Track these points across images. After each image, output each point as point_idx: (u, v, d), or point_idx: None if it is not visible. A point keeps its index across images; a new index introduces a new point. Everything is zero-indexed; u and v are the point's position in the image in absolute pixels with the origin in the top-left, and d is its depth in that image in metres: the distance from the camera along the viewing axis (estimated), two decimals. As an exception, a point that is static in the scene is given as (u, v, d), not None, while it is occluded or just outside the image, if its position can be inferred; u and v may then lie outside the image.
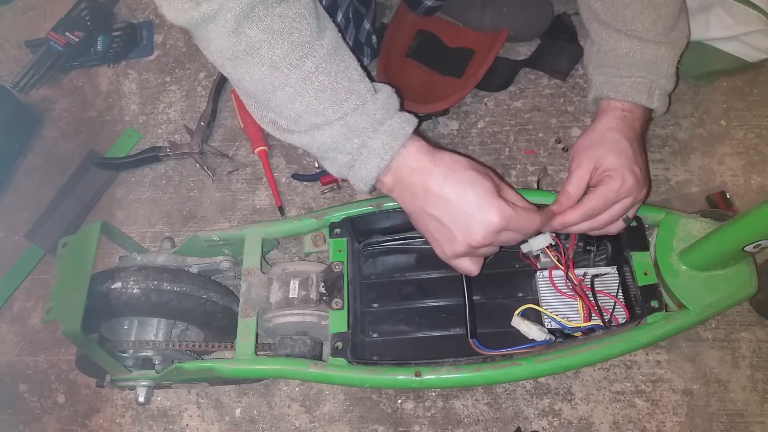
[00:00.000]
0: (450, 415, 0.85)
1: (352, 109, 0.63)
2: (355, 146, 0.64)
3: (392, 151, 0.64)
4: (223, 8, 0.59)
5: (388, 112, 0.65)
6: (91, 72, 1.18)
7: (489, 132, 1.02)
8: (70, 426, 0.91)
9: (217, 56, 0.64)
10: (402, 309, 0.84)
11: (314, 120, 0.64)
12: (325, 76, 0.63)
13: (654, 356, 0.85)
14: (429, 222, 0.66)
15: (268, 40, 0.60)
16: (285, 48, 0.61)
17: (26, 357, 0.96)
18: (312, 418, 0.87)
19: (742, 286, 0.74)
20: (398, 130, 0.65)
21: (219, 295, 0.81)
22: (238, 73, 0.64)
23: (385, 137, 0.64)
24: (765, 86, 1.00)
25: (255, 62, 0.62)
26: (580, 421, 0.83)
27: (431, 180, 0.64)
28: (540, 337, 0.73)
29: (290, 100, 0.63)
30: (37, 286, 1.01)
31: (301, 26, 0.61)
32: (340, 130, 0.63)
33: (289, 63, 0.61)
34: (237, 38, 0.60)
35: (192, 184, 1.05)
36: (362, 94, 0.64)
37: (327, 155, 0.67)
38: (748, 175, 0.95)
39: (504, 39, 1.00)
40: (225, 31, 0.60)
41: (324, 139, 0.64)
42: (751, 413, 0.82)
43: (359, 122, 0.63)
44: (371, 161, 0.65)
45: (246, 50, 0.61)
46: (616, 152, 0.71)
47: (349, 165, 0.66)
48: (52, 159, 1.11)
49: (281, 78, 0.62)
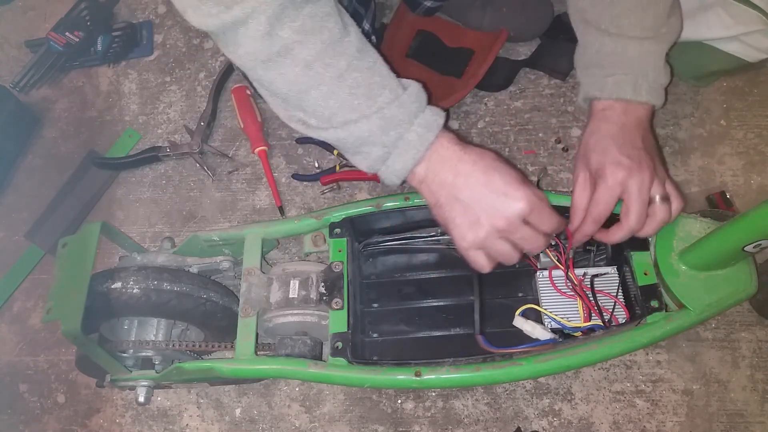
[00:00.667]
0: (450, 415, 0.85)
1: (386, 103, 0.65)
2: (392, 139, 0.66)
3: (427, 142, 0.66)
4: (255, 11, 0.59)
5: (420, 104, 0.67)
6: (91, 72, 1.18)
7: (489, 132, 1.02)
8: (70, 426, 0.91)
9: (248, 59, 0.63)
10: (402, 309, 0.84)
11: (349, 116, 0.65)
12: (358, 72, 0.64)
13: (654, 356, 0.85)
14: (454, 207, 0.67)
15: (300, 40, 0.61)
16: (318, 47, 0.62)
17: (26, 357, 0.96)
18: (312, 418, 0.87)
19: (742, 286, 0.74)
20: (431, 122, 0.67)
21: (219, 295, 0.81)
22: (269, 75, 0.64)
23: (420, 129, 0.66)
24: (765, 86, 1.00)
25: (288, 63, 0.62)
26: (580, 421, 0.83)
27: (461, 166, 0.66)
28: (545, 336, 0.73)
29: (325, 99, 0.64)
30: (37, 286, 1.01)
31: (329, 25, 0.62)
32: (378, 122, 0.65)
33: (323, 62, 0.62)
34: (270, 40, 0.60)
35: (192, 184, 1.05)
36: (394, 89, 0.66)
37: (361, 149, 0.68)
38: (748, 175, 0.95)
39: (504, 39, 1.00)
40: (258, 34, 0.60)
41: (361, 132, 0.65)
42: (751, 413, 0.82)
43: (396, 115, 0.65)
44: (407, 153, 0.66)
45: (280, 52, 0.61)
46: (599, 152, 0.72)
47: (383, 158, 0.67)
48: (52, 159, 1.11)
49: (316, 77, 0.63)
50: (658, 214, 0.72)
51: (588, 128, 0.76)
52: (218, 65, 1.14)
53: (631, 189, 0.70)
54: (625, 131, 0.74)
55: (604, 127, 0.74)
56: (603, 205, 0.71)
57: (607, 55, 0.76)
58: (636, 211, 0.70)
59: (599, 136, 0.73)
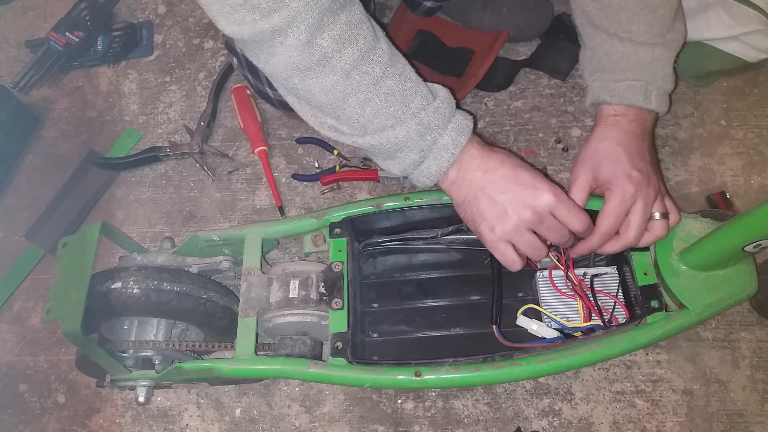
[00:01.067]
0: (450, 415, 0.85)
1: (420, 108, 0.66)
2: (428, 143, 0.67)
3: (461, 145, 0.68)
4: (296, 20, 0.57)
5: (452, 109, 0.69)
6: (91, 72, 1.17)
7: (489, 132, 1.02)
8: (70, 426, 0.91)
9: (284, 68, 0.62)
10: (402, 309, 0.84)
11: (384, 123, 0.66)
12: (392, 79, 0.65)
13: (654, 356, 0.85)
14: (482, 202, 0.68)
15: (339, 49, 0.61)
16: (355, 55, 0.62)
17: (26, 357, 0.96)
18: (312, 418, 0.87)
19: (742, 286, 0.74)
20: (464, 126, 0.69)
21: (219, 295, 0.81)
22: (307, 84, 0.64)
23: (453, 133, 0.68)
24: (765, 86, 1.00)
25: (327, 72, 0.62)
26: (580, 421, 0.83)
27: (490, 163, 0.68)
28: (551, 335, 0.73)
29: (361, 106, 0.64)
30: (37, 286, 1.01)
31: (363, 32, 0.62)
32: (415, 128, 0.66)
33: (360, 70, 0.63)
34: (311, 49, 0.60)
35: (192, 184, 1.05)
36: (425, 95, 0.67)
37: (396, 155, 0.69)
38: (748, 175, 0.95)
39: (504, 39, 1.00)
40: (298, 43, 0.59)
41: (398, 137, 0.66)
42: (751, 413, 0.82)
43: (432, 120, 0.66)
44: (442, 157, 0.68)
45: (319, 60, 0.61)
46: (610, 161, 0.72)
47: (418, 162, 0.69)
48: (52, 159, 1.11)
49: (353, 85, 0.63)
50: (656, 229, 0.73)
51: (597, 132, 0.75)
52: (218, 65, 1.14)
53: (637, 204, 0.71)
54: (635, 141, 0.74)
55: (615, 134, 0.74)
56: (614, 219, 0.71)
57: (617, 60, 0.76)
58: (637, 227, 0.71)
59: (611, 144, 0.73)
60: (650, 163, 0.74)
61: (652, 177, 0.72)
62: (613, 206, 0.70)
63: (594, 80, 0.79)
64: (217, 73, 1.10)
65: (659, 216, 0.73)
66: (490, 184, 0.68)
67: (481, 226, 0.69)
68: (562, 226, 0.68)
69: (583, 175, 0.74)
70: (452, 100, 0.69)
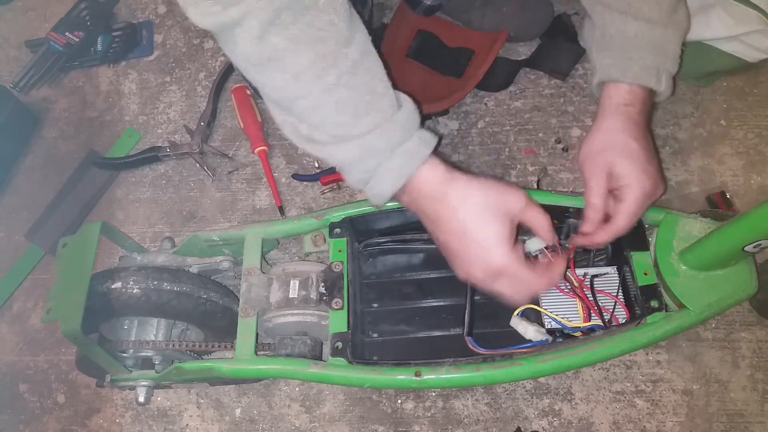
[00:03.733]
0: (450, 415, 0.85)
1: (370, 128, 0.63)
2: (371, 166, 0.65)
3: (407, 173, 0.65)
4: (249, 13, 0.58)
5: (407, 132, 0.65)
6: (91, 72, 1.18)
7: (489, 132, 1.02)
8: (70, 426, 0.91)
9: (242, 60, 0.63)
10: (402, 309, 0.84)
11: (333, 131, 0.64)
12: (347, 89, 0.62)
13: (654, 356, 0.85)
14: (440, 243, 0.68)
15: (292, 49, 0.60)
16: (309, 58, 0.60)
17: (26, 357, 0.96)
18: (312, 418, 0.87)
19: (742, 286, 0.74)
20: (414, 153, 0.65)
21: (219, 295, 0.81)
22: (261, 79, 0.64)
23: (400, 159, 0.64)
24: (765, 86, 1.00)
25: (277, 69, 0.61)
26: (580, 421, 0.83)
27: (442, 209, 0.65)
28: (537, 338, 0.72)
29: (311, 110, 0.63)
30: (37, 286, 1.01)
31: (327, 35, 0.60)
32: (355, 151, 0.64)
33: (312, 74, 0.61)
34: (261, 45, 0.60)
35: (192, 184, 1.05)
36: (383, 110, 0.64)
37: (344, 169, 0.67)
38: (748, 175, 0.95)
39: (504, 39, 1.00)
40: (250, 37, 0.59)
41: (341, 156, 0.65)
42: (751, 413, 0.82)
43: (376, 144, 0.63)
44: (386, 180, 0.65)
45: (270, 57, 0.61)
46: (628, 156, 0.71)
47: (365, 181, 0.67)
48: (52, 159, 1.11)
49: (303, 88, 0.62)
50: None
51: (607, 123, 0.74)
52: (218, 65, 1.14)
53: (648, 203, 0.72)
54: (644, 133, 0.74)
55: (627, 125, 0.73)
56: (630, 219, 0.71)
57: (631, 38, 0.74)
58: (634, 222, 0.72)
59: (625, 137, 0.72)
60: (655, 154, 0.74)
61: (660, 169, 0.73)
62: (633, 205, 0.70)
63: (604, 57, 0.77)
64: (217, 73, 1.10)
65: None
66: (443, 233, 0.66)
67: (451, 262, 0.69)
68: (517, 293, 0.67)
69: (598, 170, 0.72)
70: (414, 120, 0.66)
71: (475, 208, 0.64)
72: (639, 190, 0.70)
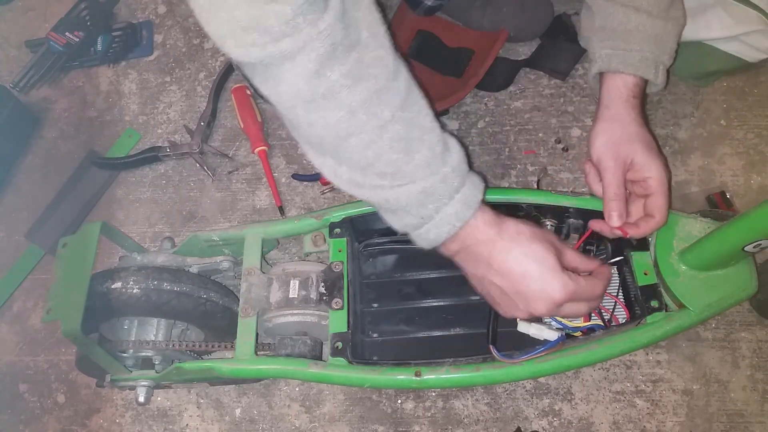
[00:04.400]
0: (450, 415, 0.85)
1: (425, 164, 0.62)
2: (429, 211, 0.64)
3: (464, 219, 0.64)
4: (306, 47, 0.54)
5: (462, 178, 0.64)
6: (91, 72, 1.17)
7: (489, 132, 1.02)
8: (70, 426, 0.91)
9: (288, 98, 0.59)
10: (402, 309, 0.84)
11: (383, 169, 0.62)
12: (400, 124, 0.60)
13: (654, 356, 0.85)
14: (491, 289, 0.68)
15: (347, 84, 0.57)
16: (363, 94, 0.58)
17: (26, 357, 0.96)
18: (312, 418, 0.87)
19: (742, 286, 0.74)
20: (471, 199, 0.64)
21: (219, 295, 0.81)
22: (310, 117, 0.60)
23: (459, 205, 0.64)
24: (765, 86, 1.00)
25: (332, 106, 0.58)
26: (580, 421, 0.83)
27: (495, 253, 0.65)
28: (553, 336, 0.72)
29: (364, 148, 0.61)
30: (37, 286, 1.01)
31: (377, 71, 0.59)
32: (416, 195, 0.62)
33: (367, 110, 0.59)
34: (318, 80, 0.56)
35: (192, 184, 1.05)
36: (433, 146, 0.62)
37: (396, 213, 0.66)
38: (748, 175, 0.95)
39: (504, 39, 1.00)
40: (306, 72, 0.56)
41: (399, 200, 0.63)
42: (751, 413, 0.82)
43: (437, 188, 0.62)
44: (442, 227, 0.64)
45: (325, 93, 0.57)
46: (648, 147, 0.73)
47: (416, 227, 0.65)
48: (52, 159, 1.11)
49: (358, 124, 0.59)
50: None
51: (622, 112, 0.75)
52: (218, 65, 1.14)
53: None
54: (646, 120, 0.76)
55: (638, 117, 0.75)
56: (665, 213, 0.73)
57: (632, 30, 0.75)
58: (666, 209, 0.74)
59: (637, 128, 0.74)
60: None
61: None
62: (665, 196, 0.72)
63: (603, 48, 0.77)
64: (217, 73, 1.10)
65: None
66: (498, 276, 0.65)
67: (495, 307, 0.70)
68: (579, 306, 0.68)
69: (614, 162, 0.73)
70: (464, 164, 0.65)
71: (528, 241, 0.65)
72: (663, 180, 0.72)
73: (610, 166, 0.73)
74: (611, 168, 0.73)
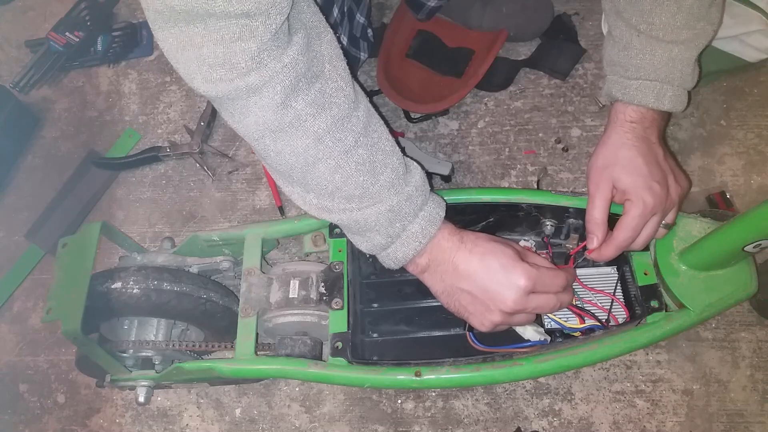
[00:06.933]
0: (450, 415, 0.85)
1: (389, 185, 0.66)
2: (397, 230, 0.67)
3: (429, 235, 0.67)
4: (272, 80, 0.58)
5: (425, 196, 0.68)
6: (91, 72, 1.18)
7: (489, 132, 1.02)
8: (70, 426, 0.91)
9: (256, 128, 0.62)
10: (402, 309, 0.84)
11: (351, 192, 0.65)
12: (364, 149, 0.64)
13: (654, 356, 0.85)
14: (461, 297, 0.69)
15: (312, 113, 0.61)
16: (329, 121, 0.62)
17: (26, 357, 0.96)
18: (312, 418, 0.87)
19: (742, 286, 0.74)
20: (434, 215, 0.68)
21: (219, 295, 0.81)
22: (278, 145, 0.63)
23: (424, 222, 0.67)
24: (765, 86, 1.00)
25: (300, 134, 0.62)
26: (580, 421, 0.83)
27: (459, 256, 0.67)
28: (535, 338, 0.72)
29: (331, 172, 0.64)
30: (37, 286, 1.01)
31: (339, 100, 0.63)
32: (386, 214, 0.66)
33: (333, 136, 0.62)
34: (284, 110, 0.60)
35: (192, 184, 1.05)
36: (395, 167, 0.66)
37: (365, 234, 0.69)
38: (748, 175, 0.95)
39: (504, 39, 1.00)
40: (273, 103, 0.59)
41: (368, 220, 0.66)
42: (751, 413, 0.82)
43: (404, 207, 0.66)
44: (410, 245, 0.67)
45: (292, 122, 0.61)
46: (631, 172, 0.72)
47: (385, 246, 0.68)
48: (52, 159, 1.11)
49: (325, 150, 0.63)
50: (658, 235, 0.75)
51: (614, 137, 0.75)
52: (218, 65, 1.14)
53: (655, 218, 0.72)
54: (653, 149, 0.74)
55: (633, 141, 0.74)
56: (632, 233, 0.71)
57: (633, 56, 0.74)
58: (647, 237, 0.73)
59: (631, 153, 0.73)
60: (670, 170, 0.74)
61: (672, 187, 0.73)
62: (633, 219, 0.71)
63: (611, 72, 0.77)
64: (217, 73, 1.10)
65: (662, 226, 0.74)
66: (464, 281, 0.67)
67: (470, 320, 0.70)
68: (548, 298, 0.68)
69: (603, 184, 0.73)
70: (426, 185, 0.69)
71: (486, 240, 0.68)
72: (640, 205, 0.71)
73: (594, 189, 0.74)
74: (594, 192, 0.74)
